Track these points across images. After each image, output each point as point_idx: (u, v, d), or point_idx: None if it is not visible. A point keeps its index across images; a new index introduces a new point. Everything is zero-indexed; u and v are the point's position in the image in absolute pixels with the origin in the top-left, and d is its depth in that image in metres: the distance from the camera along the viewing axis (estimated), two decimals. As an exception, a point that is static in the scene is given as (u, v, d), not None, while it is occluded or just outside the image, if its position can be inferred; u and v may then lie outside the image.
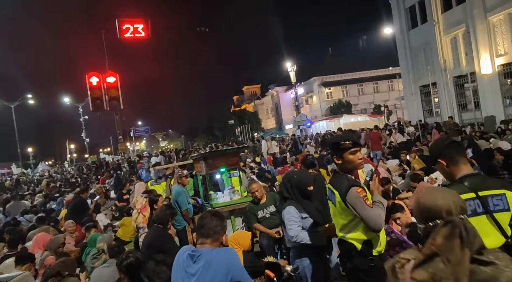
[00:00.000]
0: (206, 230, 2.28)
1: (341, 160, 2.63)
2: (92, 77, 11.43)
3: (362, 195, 2.45)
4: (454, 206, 1.41)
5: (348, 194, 2.45)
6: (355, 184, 2.50)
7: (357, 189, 2.46)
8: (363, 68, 44.19)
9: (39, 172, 36.79)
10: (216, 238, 2.28)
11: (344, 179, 2.57)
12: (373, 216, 2.39)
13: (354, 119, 32.16)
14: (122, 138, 15.52)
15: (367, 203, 2.43)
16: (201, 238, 2.29)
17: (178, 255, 2.30)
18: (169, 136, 79.89)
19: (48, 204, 11.81)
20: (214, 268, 2.12)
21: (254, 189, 5.34)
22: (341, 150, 2.61)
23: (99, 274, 4.08)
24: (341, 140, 2.64)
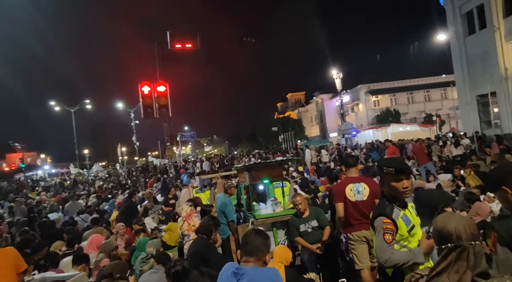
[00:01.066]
0: (250, 248, 2.31)
1: (384, 185, 2.53)
2: (144, 86, 12.01)
3: (386, 227, 2.35)
4: (464, 232, 1.49)
5: (375, 220, 2.42)
6: (385, 214, 2.40)
7: (384, 220, 2.37)
8: (413, 76, 42.28)
9: (93, 172, 39.28)
10: (260, 256, 2.31)
11: (380, 205, 2.49)
12: (381, 252, 2.32)
13: (403, 129, 30.78)
14: (170, 144, 16.14)
15: (386, 237, 2.32)
16: (245, 256, 2.32)
17: (222, 271, 2.35)
18: (213, 142, 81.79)
19: (101, 205, 12.55)
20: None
21: (298, 202, 5.32)
22: (385, 175, 2.48)
23: (146, 279, 4.26)
24: (385, 165, 2.50)
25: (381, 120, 37.58)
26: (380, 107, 42.30)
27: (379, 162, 2.84)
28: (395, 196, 2.46)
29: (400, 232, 2.39)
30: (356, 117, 44.73)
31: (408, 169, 2.54)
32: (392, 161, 2.60)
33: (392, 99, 43.81)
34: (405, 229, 2.41)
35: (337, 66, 31.63)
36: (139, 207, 10.04)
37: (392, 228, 2.36)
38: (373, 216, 2.49)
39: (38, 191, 23.82)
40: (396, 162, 2.54)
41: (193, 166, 23.18)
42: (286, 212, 6.19)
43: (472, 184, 8.28)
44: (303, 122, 55.81)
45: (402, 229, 2.40)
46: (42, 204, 14.26)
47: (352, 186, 4.46)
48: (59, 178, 35.42)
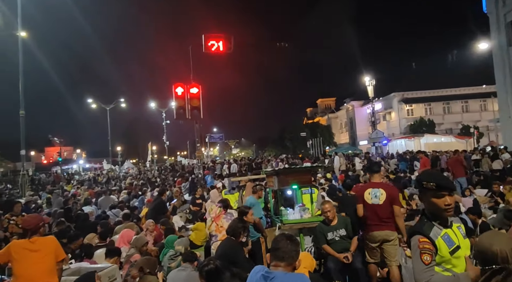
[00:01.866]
0: (281, 253, 2.31)
1: (424, 201, 2.34)
2: (178, 87, 12.30)
3: (423, 246, 2.18)
4: (510, 254, 1.42)
5: (411, 239, 2.28)
6: (421, 232, 2.23)
7: (420, 238, 2.21)
8: (451, 85, 40.66)
9: (124, 169, 40.59)
10: (290, 262, 2.30)
11: (419, 223, 2.33)
12: (419, 274, 2.16)
13: (437, 140, 29.73)
14: (200, 145, 16.40)
15: (423, 257, 2.15)
16: (276, 260, 2.33)
17: (252, 273, 2.37)
18: (241, 144, 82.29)
19: (131, 201, 12.95)
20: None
21: (327, 209, 5.27)
22: (424, 190, 2.29)
23: (174, 276, 4.36)
24: (425, 179, 2.30)
25: (414, 130, 36.43)
26: (414, 116, 41.02)
27: (419, 176, 2.64)
28: (436, 213, 2.27)
29: (440, 253, 2.19)
30: (388, 126, 43.63)
31: (451, 185, 2.33)
32: (433, 176, 2.36)
33: (427, 109, 42.36)
34: (447, 250, 2.19)
35: (370, 73, 31.04)
36: (168, 205, 10.29)
37: (430, 248, 2.16)
38: (408, 234, 2.37)
39: (73, 184, 24.92)
40: (438, 177, 2.32)
41: (220, 168, 23.46)
42: (314, 219, 6.14)
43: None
44: (332, 129, 55.13)
45: (442, 250, 2.19)
46: (76, 197, 14.90)
47: (371, 190, 4.89)
48: (93, 173, 36.85)
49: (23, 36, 16.27)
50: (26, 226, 3.42)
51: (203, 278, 3.04)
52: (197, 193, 10.77)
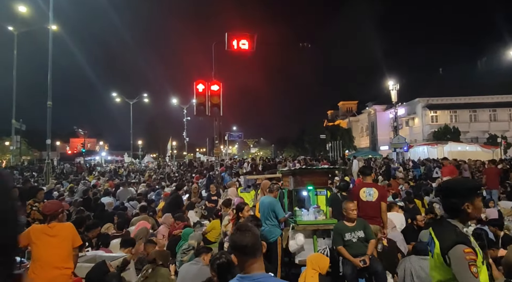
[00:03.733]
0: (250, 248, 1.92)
1: (470, 207, 2.23)
2: (199, 84, 12.40)
3: (469, 257, 2.03)
4: None
5: (452, 250, 2.07)
6: (464, 242, 2.08)
7: (465, 249, 2.04)
8: (478, 93, 39.30)
9: (144, 163, 41.35)
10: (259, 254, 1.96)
11: (452, 231, 2.17)
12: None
13: (462, 148, 28.74)
14: (219, 142, 16.52)
15: (472, 270, 2.00)
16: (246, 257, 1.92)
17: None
18: (260, 144, 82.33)
19: (149, 195, 13.18)
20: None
21: (351, 209, 5.21)
22: (473, 194, 2.23)
23: (186, 269, 4.41)
24: (459, 186, 2.26)
25: (438, 137, 35.41)
26: (438, 123, 39.87)
27: (444, 183, 2.57)
28: (465, 218, 2.23)
29: (476, 263, 2.07)
30: (410, 132, 42.63)
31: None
32: (466, 182, 2.42)
33: (453, 116, 41.11)
34: (480, 259, 2.09)
35: (394, 77, 30.43)
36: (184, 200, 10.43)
37: (475, 258, 2.04)
38: (447, 245, 2.11)
39: (95, 175, 25.59)
40: (473, 184, 2.37)
41: (239, 166, 23.55)
42: (329, 221, 6.07)
43: (538, 215, 7.53)
44: (353, 132, 54.32)
45: (478, 259, 2.08)
46: (97, 188, 15.30)
47: (365, 189, 5.81)
48: (114, 165, 37.73)
49: (54, 29, 16.82)
50: (46, 211, 3.53)
51: (214, 271, 3.06)
52: (212, 190, 10.85)
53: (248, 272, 1.89)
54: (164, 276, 4.25)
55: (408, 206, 8.66)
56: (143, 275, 4.23)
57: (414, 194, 11.11)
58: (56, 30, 17.40)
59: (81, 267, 3.83)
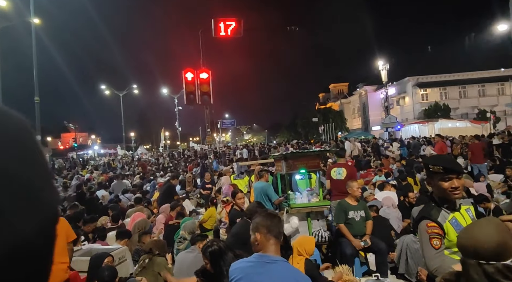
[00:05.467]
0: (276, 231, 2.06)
1: (432, 185, 2.30)
2: (188, 73, 12.28)
3: (431, 231, 2.15)
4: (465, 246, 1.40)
5: (419, 224, 2.24)
6: (429, 217, 2.20)
7: (428, 223, 2.18)
8: (467, 69, 39.48)
9: (138, 154, 41.20)
10: (281, 238, 2.10)
11: (426, 208, 2.27)
12: (430, 259, 2.12)
13: (452, 125, 29.05)
14: (210, 130, 16.48)
15: (433, 242, 2.13)
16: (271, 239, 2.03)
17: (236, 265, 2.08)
18: (253, 130, 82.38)
19: (144, 186, 13.19)
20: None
21: (355, 187, 5.39)
22: (431, 174, 2.26)
23: (182, 257, 4.46)
24: (432, 163, 2.27)
25: (429, 115, 35.70)
26: (429, 101, 40.12)
27: (425, 160, 2.64)
28: (444, 197, 2.25)
29: (448, 237, 2.18)
30: (401, 111, 42.88)
31: (459, 167, 2.29)
32: (440, 159, 2.37)
33: (442, 93, 41.35)
34: (455, 234, 2.16)
35: (383, 57, 30.42)
36: (179, 190, 10.46)
37: (439, 232, 2.15)
38: (416, 219, 2.29)
39: (89, 169, 25.47)
40: (444, 160, 2.31)
41: (233, 153, 23.59)
42: (322, 203, 6.16)
43: (526, 186, 7.71)
44: (345, 114, 54.51)
45: (450, 234, 2.18)
46: (91, 182, 15.25)
47: (336, 169, 6.58)
48: (107, 158, 37.54)
49: (36, 23, 16.40)
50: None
51: (207, 259, 3.11)
52: (206, 178, 10.90)
53: (267, 251, 1.97)
54: (161, 265, 4.30)
55: (401, 184, 8.80)
56: (140, 265, 4.27)
57: (407, 172, 11.28)
58: (38, 23, 16.97)
59: (77, 261, 3.85)
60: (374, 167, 14.63)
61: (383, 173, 11.17)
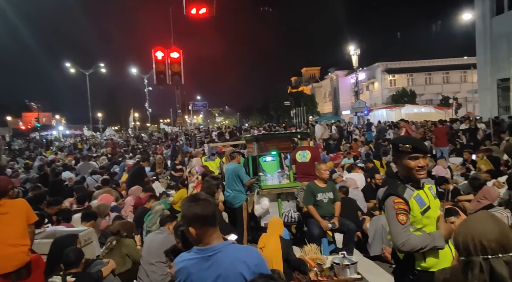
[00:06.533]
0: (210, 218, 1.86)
1: (399, 164, 2.36)
2: (158, 52, 11.88)
3: (398, 207, 2.21)
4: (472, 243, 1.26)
5: (385, 201, 2.28)
6: (395, 193, 2.25)
7: (395, 199, 2.23)
8: (433, 56, 40.82)
9: (106, 136, 39.95)
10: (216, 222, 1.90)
11: (392, 185, 2.32)
12: (397, 234, 2.18)
13: (417, 110, 30.14)
14: (181, 112, 16.18)
15: (399, 218, 2.19)
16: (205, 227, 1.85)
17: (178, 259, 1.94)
18: (225, 113, 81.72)
19: (112, 168, 12.85)
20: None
21: (324, 169, 5.46)
22: (399, 153, 2.32)
23: (151, 239, 4.41)
24: (400, 142, 2.33)
25: (396, 100, 36.81)
26: (396, 86, 41.29)
27: (394, 139, 2.69)
28: (409, 176, 2.32)
29: (412, 213, 2.23)
30: (371, 96, 43.91)
31: (425, 147, 2.38)
32: (408, 139, 2.46)
33: (409, 79, 42.67)
34: (418, 210, 2.25)
35: (354, 42, 30.72)
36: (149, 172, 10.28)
37: (405, 208, 2.21)
38: (382, 196, 2.33)
39: (53, 150, 24.45)
40: (413, 140, 2.41)
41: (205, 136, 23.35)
42: (292, 184, 6.26)
43: (484, 169, 8.17)
44: (316, 98, 55.08)
45: (414, 210, 2.24)
46: (55, 163, 14.67)
47: (300, 152, 6.76)
48: (73, 139, 36.16)
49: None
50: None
51: (179, 238, 3.07)
52: (177, 159, 10.77)
53: (208, 243, 1.84)
54: (130, 247, 4.23)
55: (368, 166, 9.08)
56: (107, 247, 4.19)
57: (374, 155, 11.65)
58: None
59: (39, 244, 3.71)
60: (343, 150, 15.02)
61: (352, 156, 11.49)
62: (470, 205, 5.73)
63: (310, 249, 4.76)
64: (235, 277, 1.79)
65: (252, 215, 6.18)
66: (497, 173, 7.31)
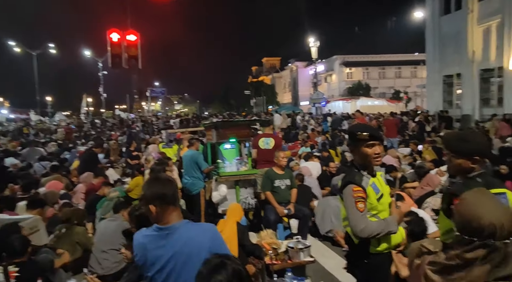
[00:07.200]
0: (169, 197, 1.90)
1: (355, 152, 2.43)
2: (113, 33, 11.38)
3: (356, 195, 2.26)
4: (500, 228, 1.21)
5: (344, 189, 2.34)
6: (354, 182, 2.31)
7: (354, 187, 2.28)
8: (387, 51, 42.79)
9: (56, 121, 37.64)
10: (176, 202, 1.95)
11: (350, 174, 2.39)
12: (356, 221, 2.23)
13: (371, 103, 31.49)
14: (138, 98, 15.64)
15: (358, 205, 2.24)
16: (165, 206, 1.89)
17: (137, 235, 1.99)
18: (184, 100, 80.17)
19: (62, 154, 12.19)
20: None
21: (281, 156, 5.58)
22: (357, 141, 2.37)
23: (104, 226, 4.28)
24: (358, 130, 2.39)
25: (352, 92, 38.21)
26: (353, 79, 42.81)
27: (351, 128, 2.75)
28: (365, 164, 2.39)
29: (369, 200, 2.31)
30: (329, 88, 45.12)
31: (381, 135, 2.47)
32: (365, 127, 2.50)
33: (365, 73, 44.41)
34: (375, 197, 2.34)
35: (314, 35, 31.21)
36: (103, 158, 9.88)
37: (363, 195, 2.28)
38: (341, 185, 2.38)
39: (-6, 135, 22.63)
40: (370, 128, 2.48)
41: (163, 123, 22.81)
42: (250, 171, 6.32)
43: (428, 158, 8.74)
44: (276, 88, 55.66)
45: (371, 197, 2.32)
46: (-3, 149, 13.61)
47: (264, 139, 6.64)
48: (18, 124, 33.67)
49: None
50: None
51: (133, 223, 3.01)
52: (132, 146, 10.46)
53: (167, 222, 1.87)
54: (80, 234, 4.08)
55: (324, 155, 9.38)
56: (56, 235, 4.01)
57: (330, 145, 12.05)
58: None
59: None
60: (301, 139, 15.37)
61: (309, 145, 11.79)
62: (415, 192, 6.16)
63: (266, 234, 4.85)
64: (191, 255, 1.81)
65: (210, 202, 6.19)
66: (440, 163, 7.85)
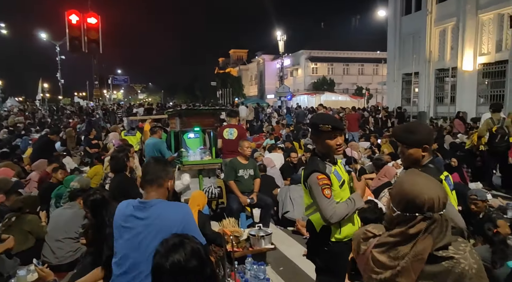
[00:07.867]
0: (149, 176, 2.13)
1: (318, 142, 2.48)
2: (72, 15, 10.87)
3: (322, 182, 2.32)
4: (437, 202, 1.31)
5: (309, 178, 2.38)
6: (318, 170, 2.36)
7: (319, 176, 2.33)
8: (351, 48, 43.92)
9: (7, 107, 35.26)
10: (160, 183, 2.12)
11: (313, 162, 2.44)
12: (325, 208, 2.28)
13: (335, 98, 32.37)
14: (99, 84, 15.01)
15: (325, 192, 2.30)
16: (147, 185, 2.12)
17: (119, 206, 2.13)
18: (148, 89, 77.99)
19: (14, 142, 11.50)
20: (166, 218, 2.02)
21: (246, 146, 5.59)
22: (319, 132, 2.43)
23: (59, 213, 4.11)
24: (321, 121, 2.44)
25: (316, 87, 38.95)
26: (318, 74, 43.62)
27: (313, 119, 2.76)
28: (327, 153, 2.46)
29: (333, 187, 2.37)
30: (294, 82, 45.70)
31: (343, 126, 2.54)
32: (328, 118, 2.55)
33: (330, 68, 45.40)
34: (337, 184, 2.41)
35: (282, 28, 31.41)
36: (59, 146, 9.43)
37: (328, 182, 2.33)
38: (305, 174, 2.43)
39: None
40: (332, 120, 2.53)
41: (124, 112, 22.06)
42: (214, 160, 6.29)
43: (386, 151, 9.16)
44: (243, 80, 55.49)
45: (334, 184, 2.38)
46: None
47: (228, 129, 6.75)
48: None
49: None
50: None
51: (88, 208, 2.92)
52: (91, 134, 10.06)
53: (146, 198, 2.10)
54: (32, 223, 3.89)
55: (287, 147, 9.57)
56: (5, 224, 3.79)
57: (294, 137, 12.28)
58: None
59: None
60: (266, 131, 15.53)
61: (273, 137, 11.95)
62: (373, 182, 6.44)
63: (228, 223, 4.89)
64: (161, 228, 1.94)
65: (173, 191, 6.11)
66: (397, 156, 8.25)
